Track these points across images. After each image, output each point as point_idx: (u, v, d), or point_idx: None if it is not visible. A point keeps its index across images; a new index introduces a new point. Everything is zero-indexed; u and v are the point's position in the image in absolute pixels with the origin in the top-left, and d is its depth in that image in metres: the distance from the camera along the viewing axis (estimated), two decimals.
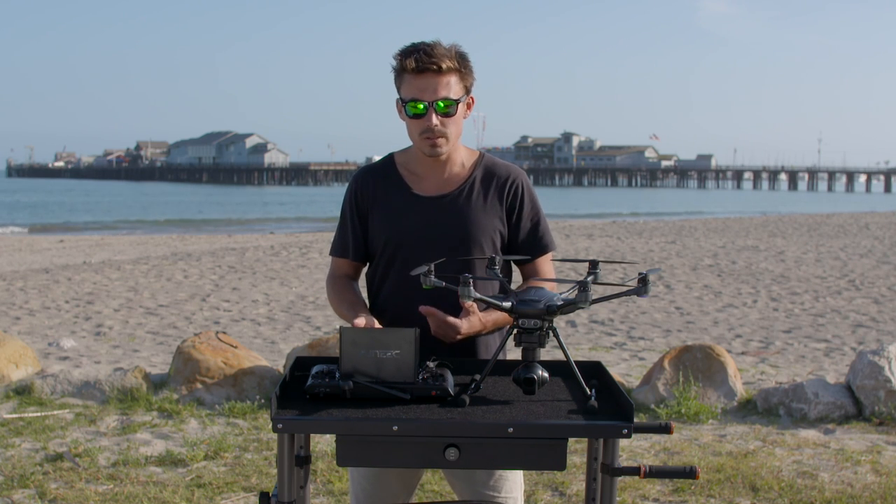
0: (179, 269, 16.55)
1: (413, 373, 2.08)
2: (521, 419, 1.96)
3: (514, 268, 2.74)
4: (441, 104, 2.45)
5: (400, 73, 2.47)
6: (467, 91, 2.51)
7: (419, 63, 2.41)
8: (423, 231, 2.57)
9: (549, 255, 2.69)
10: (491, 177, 2.62)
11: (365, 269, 2.74)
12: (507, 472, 2.60)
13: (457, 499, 2.69)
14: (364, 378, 2.07)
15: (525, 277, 2.70)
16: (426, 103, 2.45)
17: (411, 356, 2.08)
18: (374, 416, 1.95)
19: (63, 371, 6.47)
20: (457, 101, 2.47)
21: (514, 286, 2.41)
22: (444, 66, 2.41)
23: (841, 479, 4.68)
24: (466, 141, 2.66)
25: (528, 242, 2.65)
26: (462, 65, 2.47)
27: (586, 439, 2.08)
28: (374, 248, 2.65)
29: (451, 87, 2.45)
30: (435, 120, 2.47)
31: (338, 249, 2.71)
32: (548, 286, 2.62)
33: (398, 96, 2.52)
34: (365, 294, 2.70)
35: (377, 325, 2.39)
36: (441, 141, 2.51)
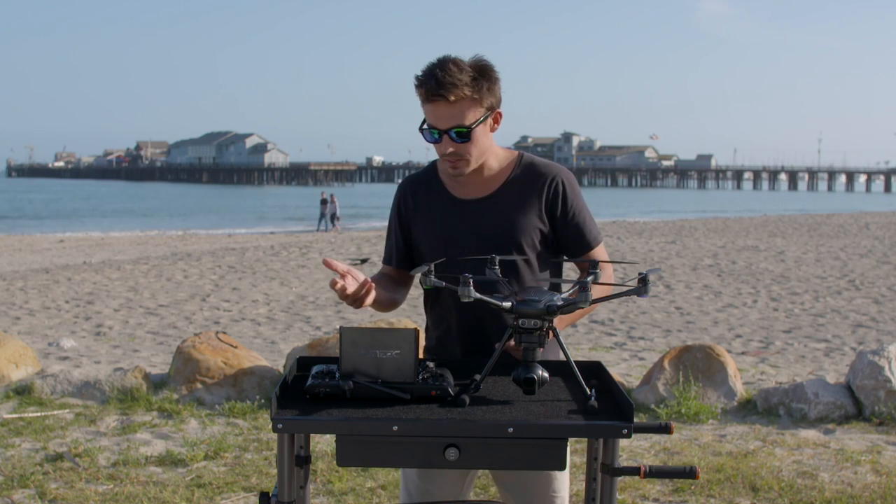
0: (179, 269, 16.55)
1: (413, 373, 2.08)
2: (521, 419, 1.95)
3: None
4: (454, 133, 2.45)
5: (418, 94, 2.47)
6: (490, 109, 2.49)
7: (429, 92, 2.40)
8: (467, 234, 2.58)
9: (599, 249, 2.67)
10: (530, 176, 2.62)
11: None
12: (557, 472, 2.58)
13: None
14: (364, 378, 2.07)
15: (581, 272, 2.68)
16: (440, 131, 2.46)
17: (411, 356, 2.08)
18: (374, 416, 1.95)
19: (63, 371, 6.46)
20: (470, 128, 2.45)
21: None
22: (452, 98, 2.39)
23: (841, 479, 4.68)
24: None
25: (573, 239, 2.63)
26: (478, 88, 2.43)
27: (586, 439, 2.08)
28: (421, 255, 2.66)
29: (465, 114, 2.43)
30: (450, 147, 2.48)
31: (385, 258, 2.79)
32: (606, 274, 2.59)
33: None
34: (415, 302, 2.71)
35: (353, 280, 2.33)
36: (460, 164, 2.52)
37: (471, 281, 2.06)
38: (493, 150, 2.59)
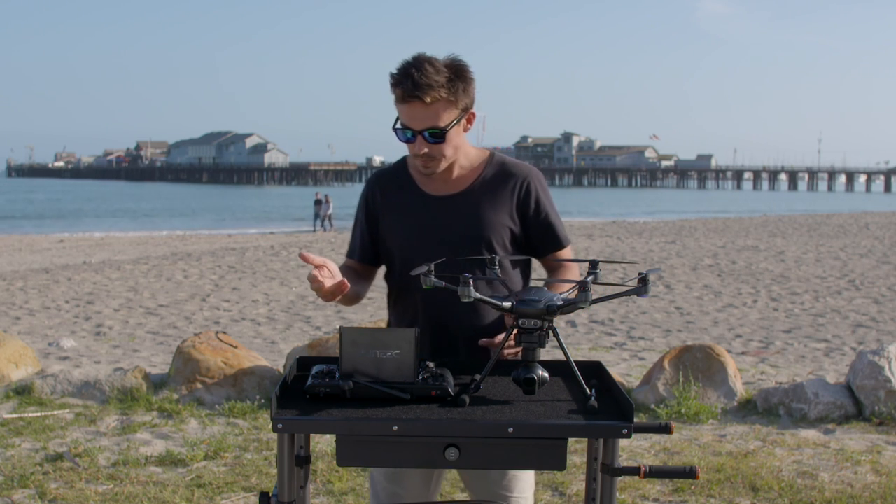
0: (179, 269, 16.55)
1: (413, 373, 2.08)
2: (521, 419, 1.96)
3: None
4: (428, 134, 2.45)
5: (393, 93, 2.46)
6: (465, 109, 2.49)
7: (406, 93, 2.39)
8: (436, 231, 2.58)
9: (568, 249, 2.70)
10: (501, 175, 2.63)
11: (383, 273, 2.76)
12: (520, 472, 2.62)
13: (468, 496, 2.71)
14: (364, 378, 2.07)
15: (550, 272, 2.72)
16: (414, 131, 2.46)
17: (411, 356, 2.08)
18: (374, 416, 1.95)
19: (63, 371, 6.46)
20: (445, 129, 2.45)
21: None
22: (428, 99, 2.39)
23: (841, 479, 4.68)
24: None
25: (544, 239, 2.65)
26: (454, 89, 2.42)
27: (586, 439, 2.08)
28: (387, 248, 2.67)
29: (440, 115, 2.43)
30: (424, 147, 2.47)
31: (349, 251, 2.78)
32: (573, 274, 2.63)
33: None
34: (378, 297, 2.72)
35: (329, 274, 2.34)
36: (432, 163, 2.52)
37: (471, 281, 2.06)
38: (464, 148, 2.60)
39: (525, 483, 2.65)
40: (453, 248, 2.54)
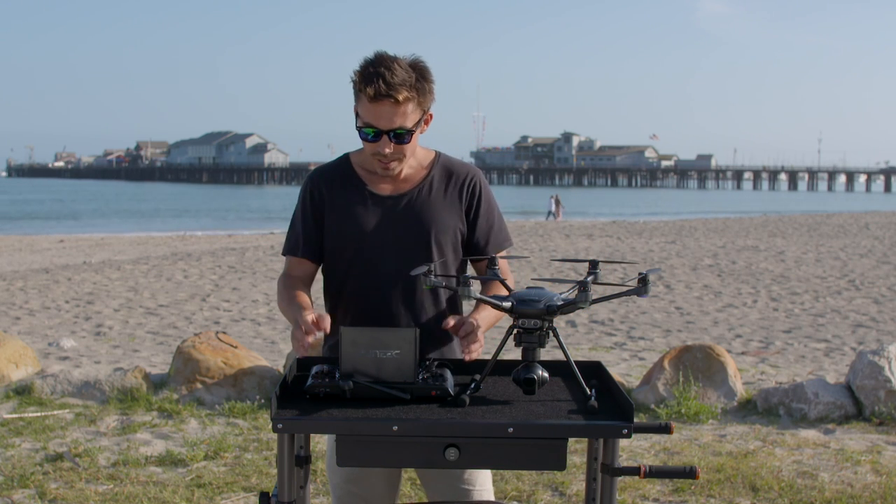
0: (179, 269, 16.55)
1: (413, 373, 2.08)
2: (521, 419, 1.96)
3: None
4: (396, 133, 2.44)
5: (358, 92, 2.44)
6: (425, 111, 2.49)
7: (377, 93, 2.37)
8: (385, 230, 2.57)
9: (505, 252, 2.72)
10: (449, 175, 2.63)
11: (320, 268, 2.71)
12: (478, 470, 2.61)
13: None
14: (364, 378, 2.07)
15: (480, 273, 2.71)
16: (381, 131, 2.44)
17: (411, 356, 2.08)
18: (374, 416, 1.95)
19: (63, 371, 6.46)
20: (413, 130, 2.45)
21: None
22: (401, 97, 2.38)
23: (841, 479, 4.68)
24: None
25: (486, 240, 2.66)
26: (420, 90, 2.42)
27: (586, 439, 2.08)
28: (332, 247, 2.62)
29: (408, 115, 2.42)
30: (388, 148, 2.46)
31: (290, 248, 2.67)
32: (508, 275, 2.64)
33: (355, 108, 2.48)
34: (313, 293, 2.68)
35: (327, 321, 2.30)
36: (393, 164, 2.52)
37: (471, 281, 2.06)
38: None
39: (485, 475, 2.66)
40: (404, 247, 2.54)
